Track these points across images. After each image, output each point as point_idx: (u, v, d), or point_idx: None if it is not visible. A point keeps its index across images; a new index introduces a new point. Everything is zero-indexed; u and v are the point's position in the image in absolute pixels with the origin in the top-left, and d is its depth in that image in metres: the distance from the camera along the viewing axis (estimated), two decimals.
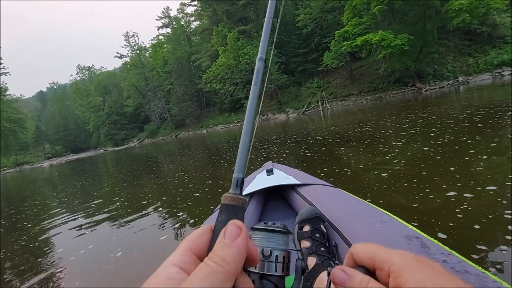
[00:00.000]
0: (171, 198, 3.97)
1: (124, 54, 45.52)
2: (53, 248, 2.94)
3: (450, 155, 3.07)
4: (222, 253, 0.21)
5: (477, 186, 2.16)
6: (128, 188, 5.60)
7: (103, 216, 3.75)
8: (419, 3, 14.34)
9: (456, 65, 16.65)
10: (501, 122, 4.18)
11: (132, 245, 2.55)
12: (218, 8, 28.37)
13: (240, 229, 0.23)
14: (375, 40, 14.32)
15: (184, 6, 38.55)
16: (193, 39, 38.42)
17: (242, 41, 24.59)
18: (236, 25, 26.77)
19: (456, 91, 12.47)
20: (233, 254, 0.21)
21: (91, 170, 12.63)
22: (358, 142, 5.04)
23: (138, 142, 41.94)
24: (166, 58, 36.16)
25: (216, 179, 4.66)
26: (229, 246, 0.22)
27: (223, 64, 25.18)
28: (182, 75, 34.22)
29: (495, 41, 16.44)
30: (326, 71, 22.26)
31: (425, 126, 5.11)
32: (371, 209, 0.89)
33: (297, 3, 25.45)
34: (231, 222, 0.23)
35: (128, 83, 42.59)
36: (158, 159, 11.68)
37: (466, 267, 0.54)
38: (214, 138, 16.74)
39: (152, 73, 38.20)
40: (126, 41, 43.77)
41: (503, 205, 1.80)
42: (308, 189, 1.24)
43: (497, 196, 1.95)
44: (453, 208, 1.90)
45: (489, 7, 13.22)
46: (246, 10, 26.80)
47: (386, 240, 0.68)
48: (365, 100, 18.78)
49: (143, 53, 43.54)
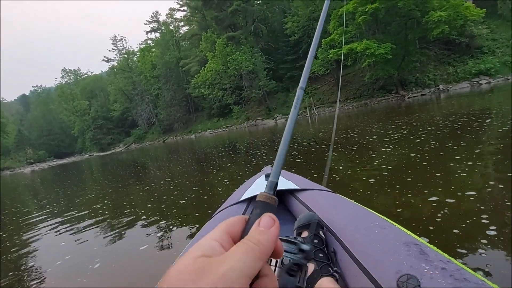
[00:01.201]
0: (156, 206, 3.95)
1: (111, 58, 44.85)
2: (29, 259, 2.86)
3: (434, 161, 3.18)
4: (258, 237, 0.24)
5: (458, 191, 2.25)
6: (112, 195, 5.54)
7: (84, 224, 3.70)
8: (401, 14, 14.91)
9: (436, 74, 17.32)
10: (478, 129, 4.40)
11: (111, 256, 2.51)
12: (207, 14, 28.53)
13: (274, 221, 0.26)
14: (359, 48, 14.76)
15: (173, 11, 38.55)
16: (182, 44, 38.35)
17: (231, 47, 24.76)
18: (225, 31, 26.95)
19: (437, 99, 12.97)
20: (267, 239, 0.24)
21: (75, 176, 12.35)
22: (346, 148, 5.16)
23: (125, 147, 41.22)
24: (154, 62, 35.89)
25: (203, 186, 4.66)
26: (264, 233, 0.25)
27: (212, 69, 25.26)
28: (170, 79, 34.03)
29: (473, 51, 17.23)
30: (314, 77, 22.68)
31: (410, 133, 5.27)
32: (370, 215, 0.88)
33: (285, 11, 25.93)
34: (266, 214, 0.27)
35: (115, 87, 41.96)
36: (145, 164, 11.56)
37: (465, 275, 0.53)
38: (203, 143, 16.70)
39: (140, 78, 37.80)
40: (114, 45, 43.25)
41: (481, 210, 1.88)
42: (307, 194, 1.23)
43: (476, 201, 2.03)
44: (435, 212, 1.97)
45: (466, 19, 13.89)
46: (235, 16, 27.05)
47: (384, 246, 0.67)
48: (351, 107, 19.22)
49: (131, 57, 43.07)
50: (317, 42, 0.50)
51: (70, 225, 3.82)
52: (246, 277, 0.22)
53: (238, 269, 0.21)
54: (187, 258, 0.23)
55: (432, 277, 0.54)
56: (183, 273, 0.21)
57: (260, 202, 0.29)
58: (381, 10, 14.32)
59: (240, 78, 25.58)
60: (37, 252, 3.01)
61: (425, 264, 0.57)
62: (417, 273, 0.55)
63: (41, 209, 5.65)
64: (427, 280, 0.53)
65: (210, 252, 0.23)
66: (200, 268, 0.21)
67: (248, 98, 26.57)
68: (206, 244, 0.24)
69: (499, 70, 15.60)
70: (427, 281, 0.53)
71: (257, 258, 0.23)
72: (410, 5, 13.94)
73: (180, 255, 0.84)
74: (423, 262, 0.58)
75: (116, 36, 43.45)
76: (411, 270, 0.57)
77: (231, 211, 1.25)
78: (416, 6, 14.21)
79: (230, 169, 5.75)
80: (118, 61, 43.52)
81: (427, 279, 0.53)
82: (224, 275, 0.21)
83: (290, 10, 24.58)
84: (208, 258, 0.22)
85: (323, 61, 18.65)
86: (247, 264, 0.22)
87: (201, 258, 0.22)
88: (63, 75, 57.65)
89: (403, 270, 0.57)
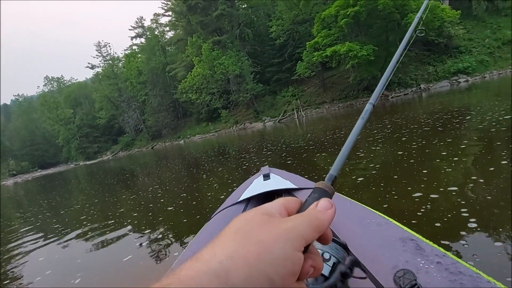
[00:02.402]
0: (142, 214, 3.93)
1: (96, 65, 44.07)
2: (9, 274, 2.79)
3: (420, 159, 3.30)
4: (316, 213, 0.27)
5: (441, 187, 2.35)
6: (98, 205, 5.47)
7: (68, 236, 3.64)
8: (382, 17, 15.34)
9: (418, 74, 17.86)
10: (458, 126, 4.60)
11: (93, 269, 2.45)
12: (192, 19, 28.48)
13: (331, 205, 0.28)
14: (343, 51, 15.07)
15: (158, 16, 38.31)
16: (168, 49, 38.09)
17: (217, 51, 24.78)
18: (211, 35, 26.96)
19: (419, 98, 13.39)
20: (323, 218, 0.26)
21: (60, 187, 12.06)
22: (335, 148, 5.28)
23: (112, 155, 40.43)
24: (140, 68, 35.48)
25: (192, 192, 4.66)
26: (321, 212, 0.27)
27: (199, 74, 25.19)
28: (157, 85, 33.71)
29: (451, 51, 17.89)
30: (300, 80, 22.95)
31: (395, 132, 5.44)
32: (367, 212, 0.89)
33: (269, 14, 26.20)
34: (324, 198, 0.29)
35: (100, 94, 41.17)
36: (133, 172, 11.41)
37: (460, 268, 0.54)
38: (192, 148, 16.61)
39: (125, 84, 37.23)
40: (98, 51, 42.51)
41: (462, 205, 1.98)
42: (305, 193, 1.21)
43: (458, 196, 2.13)
44: (418, 207, 2.06)
45: (443, 21, 14.42)
46: (221, 21, 27.12)
47: (381, 242, 0.68)
48: (338, 108, 19.55)
49: (116, 64, 42.42)
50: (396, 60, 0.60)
51: (53, 237, 3.76)
52: (303, 239, 0.24)
53: (297, 229, 0.24)
54: (252, 212, 0.25)
55: (428, 271, 0.55)
56: (250, 222, 0.24)
57: (319, 189, 0.31)
58: (362, 13, 14.69)
59: (227, 82, 25.60)
60: (17, 269, 2.94)
61: (421, 259, 0.59)
62: (413, 268, 0.56)
63: (24, 222, 5.51)
64: (423, 274, 0.54)
65: (272, 214, 0.26)
66: (266, 221, 0.24)
67: (236, 102, 26.61)
68: (267, 208, 0.26)
69: (476, 69, 16.24)
70: (423, 275, 0.54)
71: (312, 228, 0.25)
72: (390, 8, 14.37)
73: (176, 261, 0.87)
74: (419, 257, 0.59)
75: (100, 42, 42.81)
76: (407, 265, 0.58)
77: (230, 211, 1.25)
78: (395, 9, 14.65)
79: (220, 174, 5.77)
80: (103, 67, 42.77)
81: (423, 274, 0.54)
82: (286, 230, 0.23)
83: (274, 14, 24.84)
84: (272, 217, 0.25)
85: (308, 63, 18.92)
86: (305, 229, 0.24)
87: (265, 215, 0.25)
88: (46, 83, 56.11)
89: (399, 265, 0.58)
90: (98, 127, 44.99)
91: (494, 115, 4.64)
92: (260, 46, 27.01)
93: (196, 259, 0.22)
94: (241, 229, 0.24)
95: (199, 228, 2.73)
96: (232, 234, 0.23)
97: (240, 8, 28.66)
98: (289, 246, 0.23)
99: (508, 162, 2.55)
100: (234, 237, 0.23)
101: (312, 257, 0.26)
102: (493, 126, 4.00)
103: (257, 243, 0.22)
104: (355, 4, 14.48)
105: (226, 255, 0.22)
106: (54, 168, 49.03)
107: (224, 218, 1.19)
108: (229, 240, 0.23)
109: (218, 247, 0.23)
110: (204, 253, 0.23)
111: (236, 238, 0.23)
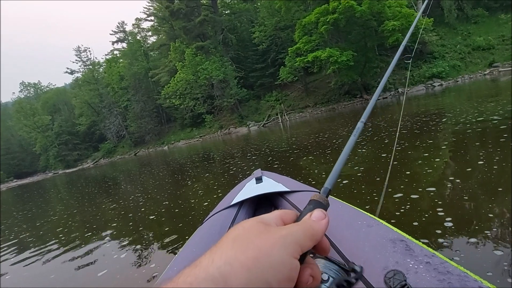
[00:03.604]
0: (121, 225, 3.85)
1: (75, 70, 42.80)
2: None
3: (403, 160, 3.40)
4: (310, 222, 0.28)
5: (420, 187, 2.44)
6: (76, 216, 5.32)
7: (43, 250, 3.51)
8: (360, 24, 15.89)
9: (395, 78, 18.57)
10: (435, 129, 4.80)
11: (68, 284, 2.37)
12: (175, 24, 28.33)
13: (324, 215, 0.30)
14: (323, 56, 15.48)
15: (140, 21, 37.84)
16: (150, 54, 37.63)
17: (201, 57, 24.75)
18: (194, 41, 26.89)
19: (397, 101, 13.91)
20: (317, 227, 0.28)
21: (38, 197, 11.60)
22: (319, 152, 5.35)
23: (93, 162, 39.25)
24: (122, 73, 34.78)
25: (175, 199, 4.59)
26: (315, 222, 0.29)
27: (182, 79, 25.02)
28: (139, 90, 33.14)
29: (426, 57, 18.75)
30: (283, 84, 23.27)
31: (376, 134, 5.58)
32: (358, 214, 0.90)
33: (252, 20, 26.49)
34: (318, 209, 0.31)
35: (80, 100, 39.97)
36: (115, 179, 11.16)
37: (448, 268, 0.55)
38: (176, 154, 16.43)
39: (107, 89, 36.38)
40: (78, 56, 41.43)
41: (438, 204, 2.07)
42: (297, 195, 1.24)
43: (435, 197, 2.23)
44: (398, 208, 2.15)
45: (417, 27, 15.10)
46: (204, 26, 27.14)
47: (371, 243, 0.69)
48: (320, 111, 19.97)
49: (97, 69, 41.42)
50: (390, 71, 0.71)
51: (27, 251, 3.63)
52: (298, 246, 0.25)
53: (293, 236, 0.25)
54: (249, 221, 0.27)
55: (417, 272, 0.56)
56: (248, 230, 0.25)
57: (314, 201, 0.33)
58: (341, 20, 15.16)
59: (211, 87, 25.57)
60: None
61: (410, 259, 0.59)
62: (403, 268, 0.57)
63: None
64: (413, 274, 0.55)
65: (268, 223, 0.27)
66: (263, 229, 0.25)
67: (221, 107, 26.59)
68: (264, 218, 0.28)
69: (449, 73, 17.09)
70: (412, 275, 0.55)
71: (307, 237, 0.26)
72: (367, 15, 14.92)
73: (166, 270, 0.87)
74: (408, 258, 0.60)
75: (80, 47, 41.73)
76: (397, 265, 0.58)
77: (223, 215, 1.24)
78: (372, 16, 15.23)
79: (205, 179, 5.73)
80: (82, 72, 41.66)
81: (413, 274, 0.55)
82: (282, 237, 0.25)
83: (257, 20, 25.15)
84: (268, 226, 0.26)
85: (291, 68, 19.25)
86: (300, 236, 0.26)
87: (262, 224, 0.26)
88: (22, 89, 54.05)
89: (389, 266, 0.58)
90: (78, 134, 43.59)
91: (468, 117, 4.89)
92: (244, 52, 27.21)
93: (195, 266, 0.22)
94: (239, 237, 0.24)
95: (181, 237, 2.75)
96: (230, 242, 0.24)
97: (223, 14, 28.80)
98: (285, 252, 0.24)
99: (484, 163, 2.70)
100: (232, 244, 0.24)
101: (310, 266, 0.27)
102: (468, 128, 4.21)
103: (255, 249, 0.23)
104: (334, 11, 14.94)
105: (224, 261, 0.22)
106: (31, 177, 47.01)
107: (216, 221, 1.19)
108: (227, 247, 0.24)
109: (216, 253, 0.23)
110: (203, 260, 0.23)
111: (234, 245, 0.23)
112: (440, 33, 19.74)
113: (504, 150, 2.96)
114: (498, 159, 2.72)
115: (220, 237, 0.26)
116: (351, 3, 14.31)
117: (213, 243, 0.25)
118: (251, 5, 28.24)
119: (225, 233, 0.23)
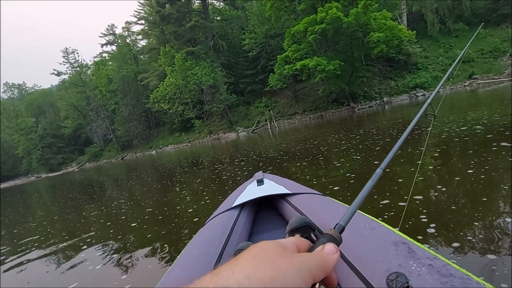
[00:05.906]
0: (100, 233, 3.77)
1: (62, 72, 41.99)
2: None
3: (394, 168, 3.44)
4: (322, 254, 0.30)
5: (406, 195, 2.50)
6: (56, 224, 5.19)
7: (17, 261, 3.36)
8: (347, 34, 16.35)
9: (381, 87, 19.12)
10: (418, 138, 4.92)
11: None
12: (166, 29, 28.31)
13: (336, 250, 0.32)
14: (311, 65, 15.80)
15: (130, 24, 37.59)
16: (140, 58, 37.34)
17: (191, 62, 24.77)
18: (185, 45, 26.93)
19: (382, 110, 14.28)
20: (328, 260, 0.30)
21: (18, 202, 11.26)
22: (309, 158, 5.36)
23: (78, 166, 38.33)
24: (110, 76, 34.34)
25: (160, 206, 4.51)
26: (327, 255, 0.30)
27: (171, 84, 24.94)
28: (128, 94, 32.76)
29: (410, 67, 19.41)
30: (273, 91, 23.53)
31: (365, 140, 5.68)
32: (360, 216, 0.89)
33: (243, 27, 26.77)
34: (330, 243, 0.33)
35: (66, 103, 39.14)
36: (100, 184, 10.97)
37: (450, 270, 0.55)
38: (165, 159, 16.28)
39: (94, 92, 35.79)
40: (65, 57, 40.67)
41: (422, 212, 2.12)
42: (298, 198, 1.25)
43: (421, 204, 2.28)
44: (382, 214, 2.21)
45: (401, 39, 15.68)
46: (194, 32, 27.24)
47: (374, 245, 0.69)
48: (309, 118, 20.26)
49: (85, 71, 40.74)
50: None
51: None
52: (311, 275, 0.27)
53: (308, 264, 0.27)
54: (269, 243, 0.29)
55: (420, 274, 0.56)
56: (268, 250, 0.27)
57: (328, 235, 0.35)
58: (329, 30, 15.56)
59: (201, 92, 25.57)
60: None
61: (413, 262, 0.59)
62: (405, 270, 0.57)
63: None
64: (415, 277, 0.55)
65: (286, 248, 0.29)
66: (281, 252, 0.28)
67: (210, 112, 26.59)
68: (283, 242, 0.30)
69: (431, 84, 17.71)
70: (414, 278, 0.55)
71: (319, 267, 0.28)
72: (353, 27, 15.37)
73: (168, 270, 0.88)
74: (411, 260, 0.60)
75: (68, 49, 41.00)
76: (400, 268, 0.59)
77: (225, 216, 1.25)
78: (359, 27, 15.70)
79: (194, 185, 5.67)
80: (70, 74, 40.87)
81: (415, 276, 0.55)
82: (298, 262, 0.27)
83: (248, 27, 25.44)
84: (286, 250, 0.29)
85: (280, 75, 19.53)
86: (313, 266, 0.27)
87: (280, 247, 0.29)
88: (5, 90, 52.64)
89: (392, 269, 0.59)
90: (63, 137, 42.52)
91: (453, 127, 5.04)
92: (234, 58, 27.42)
93: (216, 274, 0.24)
94: (259, 255, 0.26)
95: (162, 246, 2.75)
96: (250, 258, 0.26)
97: (214, 20, 29.00)
98: (300, 278, 0.25)
99: (474, 172, 2.74)
100: (252, 261, 0.26)
101: None
102: (454, 137, 4.34)
103: (273, 269, 0.25)
104: (322, 22, 15.33)
105: (244, 275, 0.24)
106: (12, 181, 45.52)
107: (218, 223, 1.19)
108: (248, 262, 0.25)
109: (237, 267, 0.25)
110: (223, 270, 0.25)
111: (254, 262, 0.25)
112: (423, 45, 20.51)
113: (489, 158, 3.04)
114: (484, 169, 2.78)
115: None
116: (338, 14, 14.72)
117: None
118: (242, 13, 28.55)
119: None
